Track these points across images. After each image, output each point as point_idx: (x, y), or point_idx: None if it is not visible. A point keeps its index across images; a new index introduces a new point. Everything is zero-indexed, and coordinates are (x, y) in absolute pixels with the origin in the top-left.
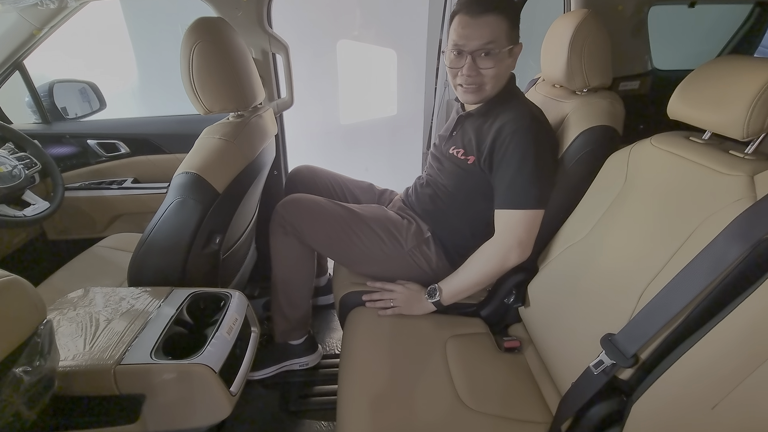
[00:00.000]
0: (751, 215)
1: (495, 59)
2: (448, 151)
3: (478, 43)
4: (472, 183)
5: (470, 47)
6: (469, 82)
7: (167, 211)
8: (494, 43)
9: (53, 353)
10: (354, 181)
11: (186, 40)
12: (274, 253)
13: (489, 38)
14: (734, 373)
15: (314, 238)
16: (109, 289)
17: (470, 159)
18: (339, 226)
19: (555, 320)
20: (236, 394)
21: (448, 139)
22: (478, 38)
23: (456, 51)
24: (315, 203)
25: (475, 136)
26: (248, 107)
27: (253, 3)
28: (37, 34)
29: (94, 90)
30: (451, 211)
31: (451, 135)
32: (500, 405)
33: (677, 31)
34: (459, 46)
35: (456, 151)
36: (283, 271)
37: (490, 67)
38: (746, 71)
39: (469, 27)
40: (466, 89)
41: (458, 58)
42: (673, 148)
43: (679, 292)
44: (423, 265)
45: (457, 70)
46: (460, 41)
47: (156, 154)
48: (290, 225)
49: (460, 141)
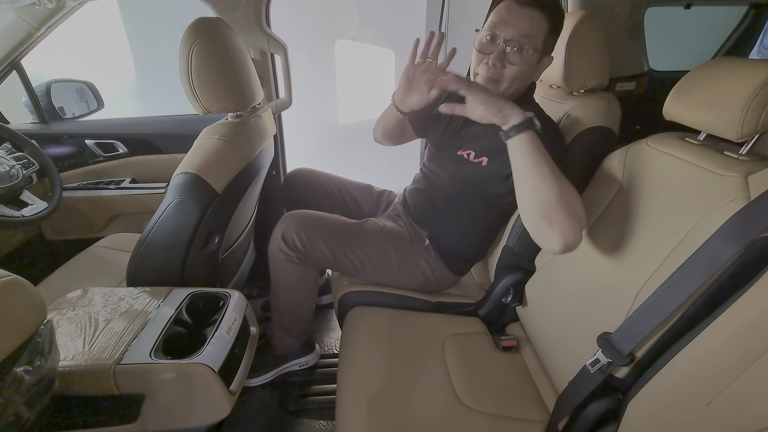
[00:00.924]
0: (745, 215)
1: (523, 58)
2: (456, 153)
3: (514, 33)
4: (475, 188)
5: (506, 34)
6: (490, 74)
7: (166, 211)
8: (529, 39)
9: (53, 353)
10: (352, 182)
11: (185, 41)
12: (275, 278)
13: (527, 32)
14: (728, 371)
15: (318, 260)
16: (107, 289)
17: (483, 161)
18: (344, 242)
19: (552, 319)
20: (235, 394)
21: (454, 139)
22: (516, 28)
23: (490, 35)
24: (316, 223)
25: (488, 137)
26: (247, 107)
27: (252, 3)
28: (35, 34)
29: (92, 90)
30: (449, 216)
31: (458, 133)
32: (498, 404)
33: (673, 33)
34: (496, 29)
35: (466, 154)
36: (285, 294)
37: (515, 63)
38: (741, 73)
39: (512, 13)
40: (485, 81)
41: (490, 43)
42: (669, 149)
43: (675, 292)
44: (426, 272)
45: (484, 56)
46: (498, 25)
47: (154, 154)
48: (293, 251)
49: (470, 143)
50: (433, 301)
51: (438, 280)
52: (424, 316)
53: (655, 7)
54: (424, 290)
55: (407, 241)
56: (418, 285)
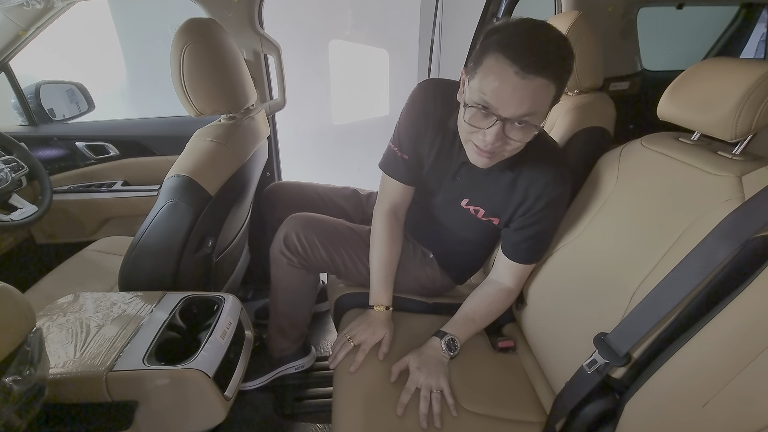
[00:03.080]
0: (739, 215)
1: (528, 132)
2: (459, 205)
3: (517, 111)
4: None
5: (506, 113)
6: (489, 149)
7: (159, 214)
8: (536, 115)
9: (43, 362)
10: (335, 189)
11: (176, 42)
12: (276, 280)
13: (532, 109)
14: (724, 371)
15: (318, 264)
16: (99, 294)
17: (495, 221)
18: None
19: (548, 320)
20: (231, 399)
21: (451, 184)
22: (519, 105)
23: (484, 113)
24: (317, 226)
25: (497, 194)
26: (240, 109)
27: (244, 4)
28: (23, 35)
29: (82, 91)
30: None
31: (454, 179)
32: (495, 405)
33: (666, 33)
34: (491, 108)
35: (473, 210)
36: (285, 296)
37: (518, 139)
38: (734, 73)
39: (510, 87)
40: (481, 153)
41: (485, 118)
42: (663, 149)
43: (670, 292)
44: (425, 282)
45: (476, 130)
46: (494, 103)
47: (146, 156)
48: (295, 255)
49: (474, 196)
50: (430, 302)
51: (437, 286)
52: (420, 318)
53: (648, 7)
54: (421, 294)
55: (408, 254)
56: (416, 289)
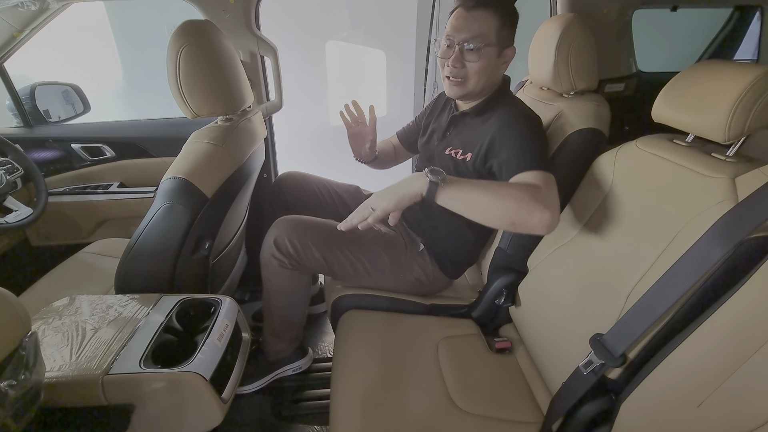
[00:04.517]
0: (732, 217)
1: (479, 54)
2: (444, 152)
3: (465, 35)
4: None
5: (458, 39)
6: (455, 74)
7: (155, 216)
8: (480, 38)
9: (39, 366)
10: (341, 185)
11: (172, 43)
12: (268, 283)
13: (477, 32)
14: (719, 372)
15: (311, 266)
16: (95, 296)
17: (468, 156)
18: (336, 247)
19: (545, 321)
20: (228, 402)
21: (441, 140)
22: (467, 31)
23: (447, 42)
24: (308, 228)
25: (472, 133)
26: (237, 111)
27: (241, 5)
28: (18, 36)
29: (78, 92)
30: (443, 221)
31: (444, 135)
32: (492, 406)
33: (660, 34)
34: (449, 37)
35: (453, 152)
36: (278, 299)
37: (473, 60)
38: (727, 76)
39: (461, 19)
40: (452, 82)
41: (448, 49)
42: (658, 151)
43: (665, 293)
44: (420, 276)
45: (445, 61)
46: (451, 32)
47: (143, 157)
48: (286, 257)
49: (457, 141)
50: (427, 303)
51: (432, 284)
52: (417, 319)
53: (642, 8)
54: (417, 293)
55: (401, 246)
56: (412, 288)
